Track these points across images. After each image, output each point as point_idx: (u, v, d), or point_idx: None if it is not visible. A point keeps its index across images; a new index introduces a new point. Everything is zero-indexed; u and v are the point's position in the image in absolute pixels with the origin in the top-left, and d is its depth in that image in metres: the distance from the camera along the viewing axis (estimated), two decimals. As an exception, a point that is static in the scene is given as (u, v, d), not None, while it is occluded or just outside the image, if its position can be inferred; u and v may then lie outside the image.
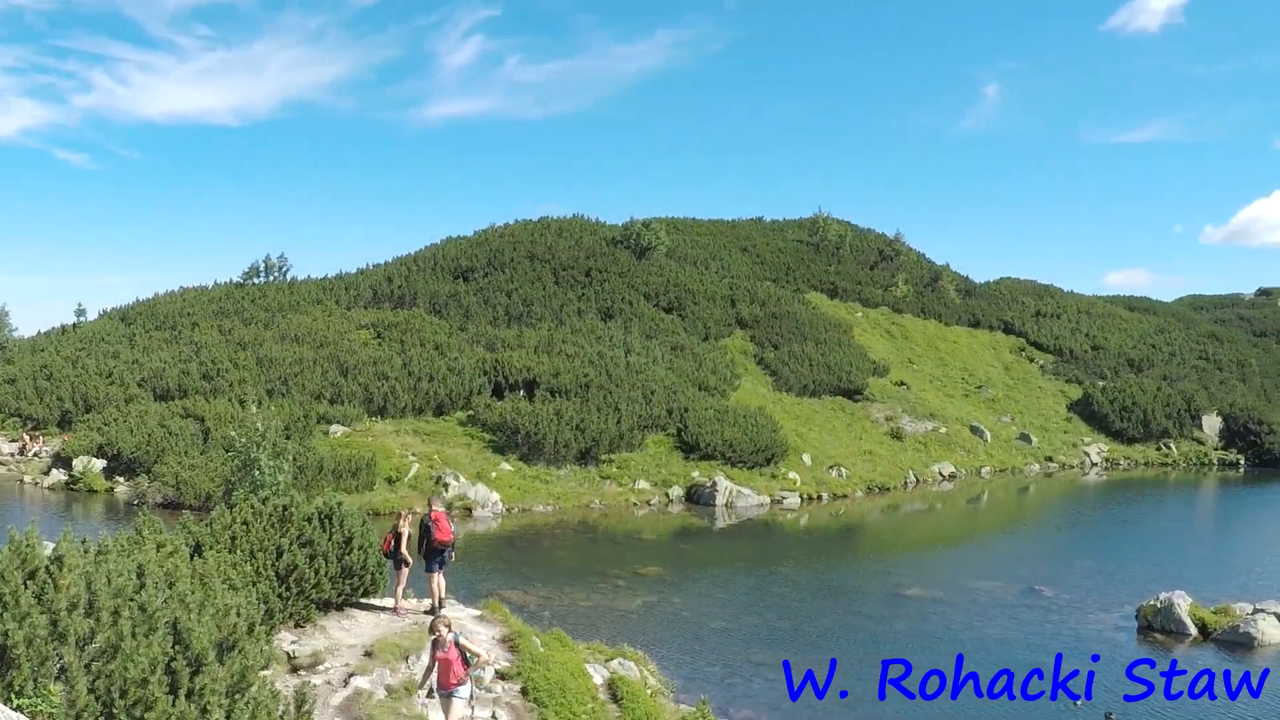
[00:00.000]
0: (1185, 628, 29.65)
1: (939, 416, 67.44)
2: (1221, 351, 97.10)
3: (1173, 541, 47.40)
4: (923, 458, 61.38)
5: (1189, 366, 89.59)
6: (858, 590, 34.20)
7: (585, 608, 29.56)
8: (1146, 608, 30.74)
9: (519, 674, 18.76)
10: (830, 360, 68.39)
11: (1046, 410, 76.77)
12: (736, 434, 53.01)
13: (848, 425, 62.46)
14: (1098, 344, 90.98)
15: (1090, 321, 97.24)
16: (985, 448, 66.48)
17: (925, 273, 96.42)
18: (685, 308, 71.08)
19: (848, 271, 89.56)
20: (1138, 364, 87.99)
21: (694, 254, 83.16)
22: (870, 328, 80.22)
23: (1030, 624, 30.22)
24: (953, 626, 29.49)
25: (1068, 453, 71.01)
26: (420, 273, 71.81)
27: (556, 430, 48.96)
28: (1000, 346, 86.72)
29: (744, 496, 49.17)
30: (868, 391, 67.28)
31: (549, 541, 39.65)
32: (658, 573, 34.62)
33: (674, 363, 61.18)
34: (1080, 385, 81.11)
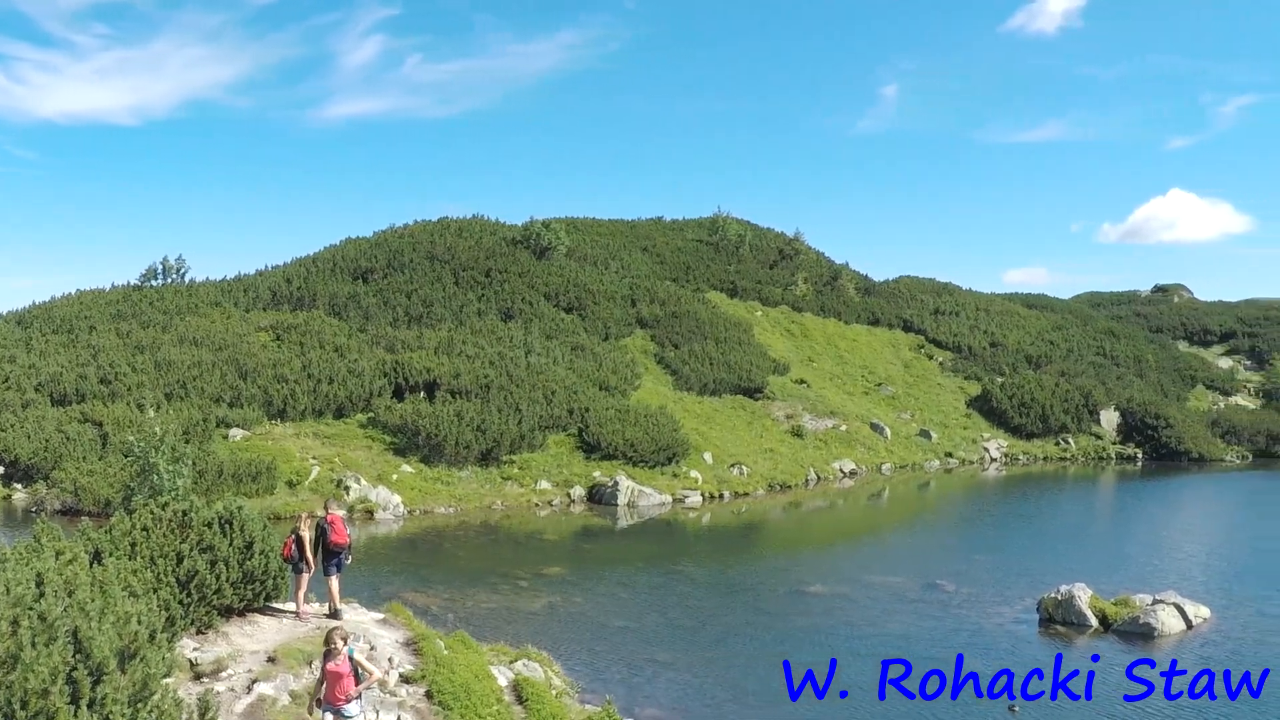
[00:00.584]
0: (1086, 619, 30.19)
1: (839, 414, 68.06)
2: (1119, 348, 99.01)
3: (1072, 535, 48.12)
4: (824, 455, 61.89)
5: (1087, 363, 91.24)
6: (760, 587, 34.39)
7: (489, 609, 29.50)
8: (1047, 600, 31.24)
9: (423, 677, 18.66)
10: (731, 359, 68.76)
11: (946, 407, 77.74)
12: (638, 433, 53.15)
13: (749, 424, 62.83)
14: (996, 341, 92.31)
15: (989, 319, 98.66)
16: (886, 444, 67.19)
17: (825, 272, 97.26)
18: (586, 308, 71.14)
19: (748, 271, 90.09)
20: (1036, 360, 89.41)
21: (594, 254, 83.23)
22: (770, 326, 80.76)
23: (932, 618, 30.57)
24: (855, 622, 29.76)
25: (967, 449, 71.99)
26: (320, 274, 71.20)
27: (458, 431, 48.81)
28: (900, 344, 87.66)
29: (646, 496, 49.32)
30: (768, 390, 67.73)
31: (451, 543, 39.51)
32: (560, 573, 34.65)
33: (575, 363, 61.21)
34: (979, 382, 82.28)
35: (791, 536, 46.80)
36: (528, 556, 37.57)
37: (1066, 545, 44.49)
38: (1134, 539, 47.50)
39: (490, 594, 31.35)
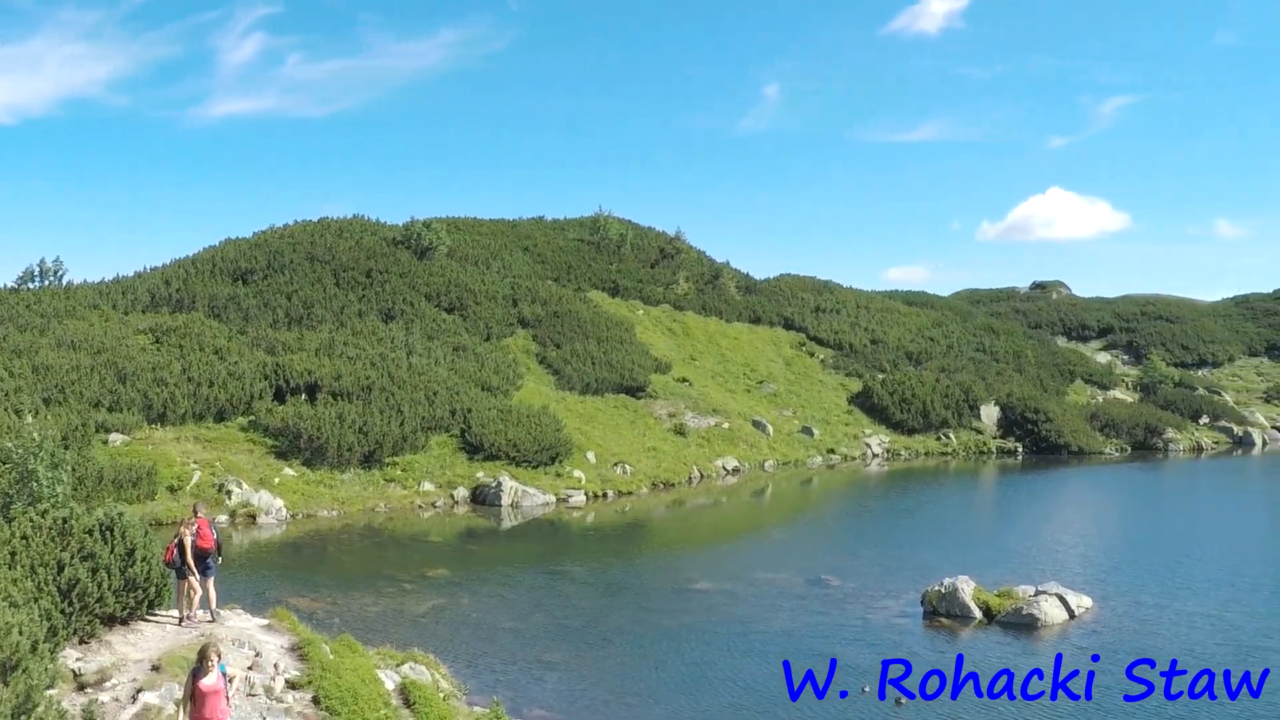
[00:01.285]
0: (970, 611, 30.71)
1: (722, 412, 68.59)
2: (998, 344, 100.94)
3: (955, 528, 49.10)
4: (706, 453, 62.33)
5: (967, 359, 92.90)
6: (646, 586, 34.62)
7: (374, 612, 29.37)
8: (931, 593, 31.70)
9: (310, 683, 18.61)
10: (613, 358, 68.98)
11: (828, 403, 78.63)
12: (520, 434, 53.15)
13: (631, 422, 63.10)
14: (877, 338, 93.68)
15: (870, 316, 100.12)
16: (768, 442, 67.84)
17: (706, 270, 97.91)
18: (467, 308, 70.93)
19: (629, 270, 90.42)
20: (917, 357, 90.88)
21: (475, 254, 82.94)
22: (652, 325, 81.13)
23: (818, 613, 30.93)
24: (742, 619, 30.04)
25: (849, 444, 72.88)
26: (199, 275, 70.14)
27: (339, 434, 48.46)
28: (781, 342, 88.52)
29: (529, 496, 49.33)
30: (650, 389, 68.06)
31: (335, 547, 39.25)
32: (445, 575, 34.58)
33: (456, 363, 61.02)
34: (861, 379, 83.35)
35: (676, 534, 47.11)
36: (412, 559, 37.42)
37: (949, 539, 45.38)
38: (1015, 531, 48.47)
39: (376, 597, 31.20)
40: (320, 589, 31.83)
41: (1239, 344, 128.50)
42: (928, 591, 31.96)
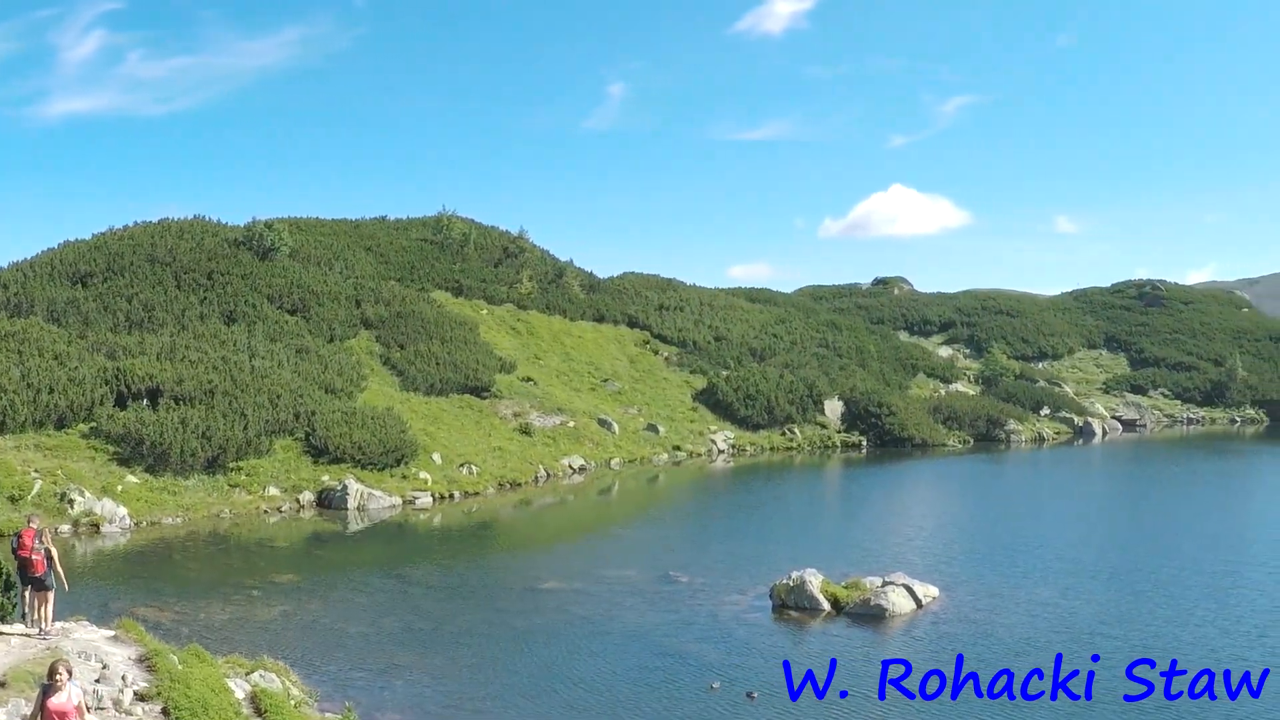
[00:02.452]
0: (818, 604, 31.44)
1: (567, 410, 69.00)
2: (841, 339, 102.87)
3: (801, 522, 50.17)
4: (552, 452, 62.67)
5: (810, 354, 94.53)
6: (495, 586, 34.86)
7: (222, 620, 29.23)
8: (780, 587, 32.37)
9: (159, 694, 18.47)
10: (457, 359, 68.98)
11: (673, 401, 79.45)
12: (365, 436, 53.01)
13: (476, 423, 63.21)
14: (721, 335, 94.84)
15: (713, 314, 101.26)
16: (614, 440, 68.43)
17: (550, 269, 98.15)
18: (310, 309, 70.38)
19: (472, 269, 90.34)
20: (760, 353, 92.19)
21: (318, 254, 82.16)
22: (496, 325, 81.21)
23: (668, 609, 31.48)
24: (591, 617, 30.51)
25: (695, 441, 73.73)
26: (37, 279, 68.43)
27: (183, 439, 47.87)
28: (625, 340, 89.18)
29: (376, 499, 49.26)
30: (495, 388, 68.19)
31: (181, 554, 38.81)
32: (294, 580, 34.49)
33: (299, 365, 60.54)
34: (705, 375, 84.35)
35: (524, 534, 47.41)
36: (260, 565, 37.21)
37: (796, 532, 46.32)
38: (862, 524, 49.81)
39: (223, 605, 31.01)
40: (167, 598, 31.54)
41: (1078, 337, 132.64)
42: (776, 585, 32.60)
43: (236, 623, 29.09)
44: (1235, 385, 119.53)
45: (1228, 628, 29.72)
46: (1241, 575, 37.13)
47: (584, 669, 25.54)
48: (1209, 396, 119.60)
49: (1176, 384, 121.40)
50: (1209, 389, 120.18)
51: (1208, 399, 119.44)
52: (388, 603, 32.15)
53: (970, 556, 40.30)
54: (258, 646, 25.24)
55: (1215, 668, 25.57)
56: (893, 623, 30.28)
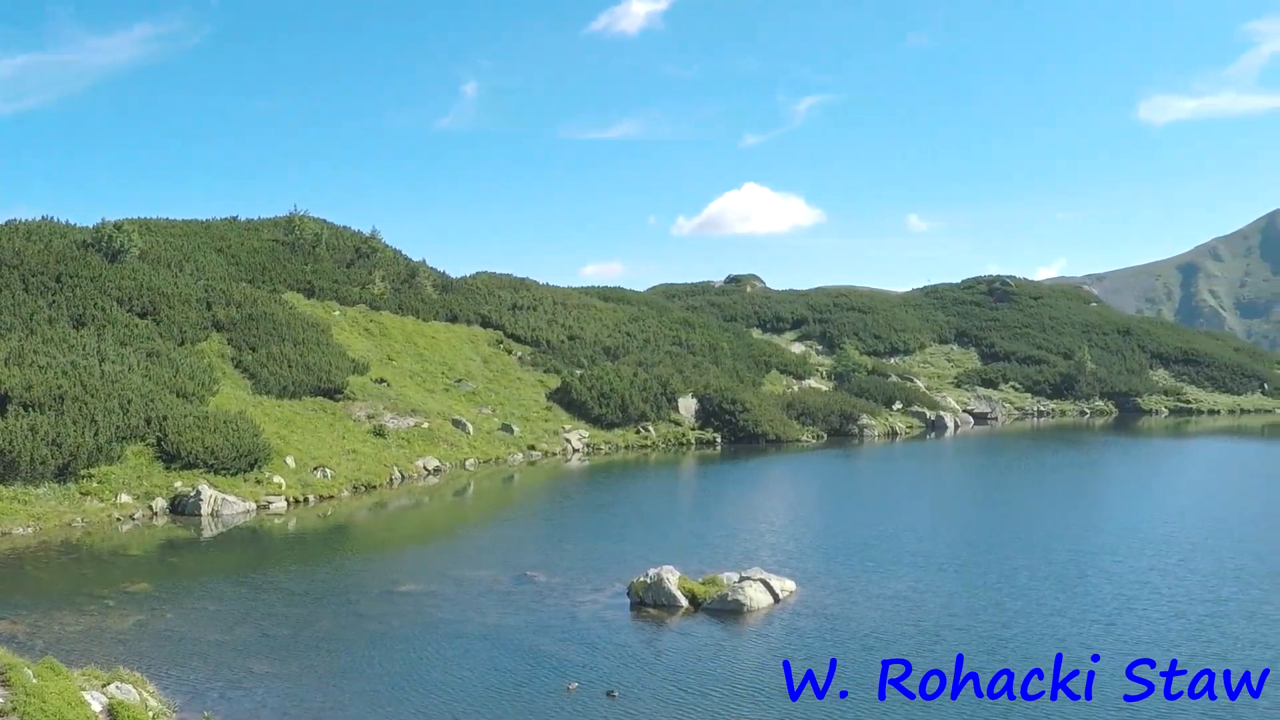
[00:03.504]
0: (676, 600, 31.98)
1: (421, 412, 69.06)
2: (694, 337, 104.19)
3: (658, 519, 50.83)
4: (407, 453, 62.72)
5: (664, 352, 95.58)
6: (352, 590, 34.94)
7: (77, 632, 28.98)
8: (637, 584, 32.87)
9: (14, 710, 18.44)
10: (309, 360, 68.65)
11: (527, 400, 79.87)
12: (218, 440, 52.60)
13: (330, 425, 63.01)
14: (574, 334, 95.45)
15: (567, 313, 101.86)
16: (469, 440, 68.63)
17: (403, 270, 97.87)
18: (160, 312, 69.44)
19: (324, 270, 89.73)
20: (614, 352, 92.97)
21: (168, 256, 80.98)
22: (349, 326, 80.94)
23: (525, 610, 31.87)
24: (450, 619, 30.79)
25: (550, 441, 74.18)
26: (-127, 283, 66.94)
27: (32, 447, 47.05)
28: (479, 340, 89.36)
29: (229, 504, 48.96)
30: (349, 390, 68.00)
31: (33, 565, 38.20)
32: (148, 589, 34.23)
33: (150, 369, 59.81)
34: (559, 374, 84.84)
35: (380, 537, 47.52)
36: (113, 574, 36.84)
37: (653, 529, 47.09)
38: (718, 520, 50.56)
39: (78, 615, 30.74)
40: (19, 610, 31.14)
41: (930, 332, 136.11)
42: (633, 583, 33.11)
43: (91, 634, 28.89)
44: (1084, 378, 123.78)
45: (1077, 617, 30.89)
46: (1090, 564, 38.63)
47: (441, 673, 25.84)
48: (1059, 389, 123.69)
49: (1027, 377, 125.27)
50: (1059, 382, 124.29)
51: (1057, 392, 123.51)
52: (244, 609, 32.11)
53: (825, 550, 41.32)
54: (114, 658, 25.21)
55: (1063, 656, 26.61)
56: (750, 617, 30.96)
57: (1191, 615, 31.14)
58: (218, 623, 30.43)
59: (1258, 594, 34.01)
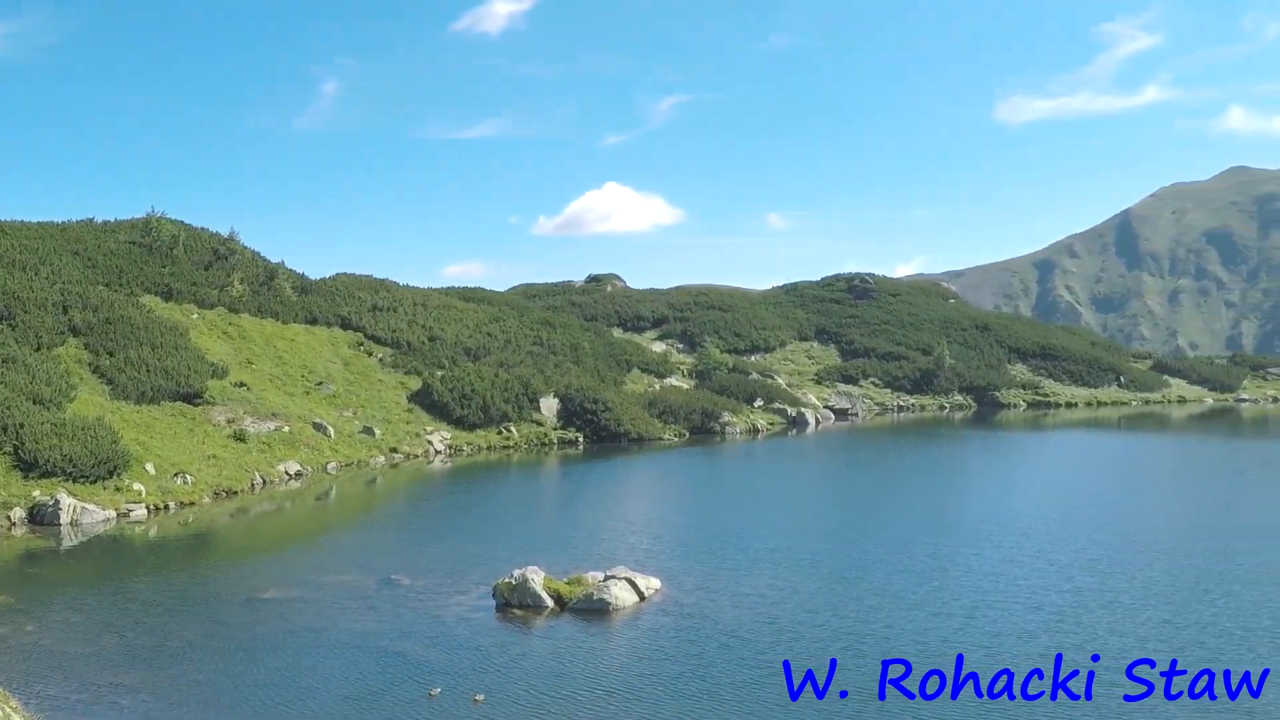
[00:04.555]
0: (542, 601, 32.57)
1: (281, 415, 69.00)
2: (555, 337, 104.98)
3: (522, 520, 51.54)
4: (268, 458, 62.69)
5: (525, 352, 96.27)
6: (215, 598, 35.09)
7: (-62, 648, 28.99)
8: (503, 585, 33.40)
9: None
10: (168, 365, 68.19)
11: (388, 402, 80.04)
12: (76, 448, 52.18)
13: (190, 430, 62.71)
14: (435, 335, 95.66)
15: (427, 314, 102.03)
16: (330, 444, 68.72)
17: (261, 271, 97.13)
18: (15, 316, 68.46)
19: (182, 273, 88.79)
20: (475, 352, 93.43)
21: (23, 259, 79.68)
22: (207, 329, 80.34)
23: (391, 613, 32.39)
24: (315, 626, 31.14)
25: (411, 443, 74.51)
26: None
27: (-117, 458, 46.67)
28: (339, 342, 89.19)
29: (89, 513, 48.59)
30: (208, 394, 67.68)
31: (-113, 579, 38.07)
32: (7, 602, 34.00)
33: (5, 375, 59.05)
34: (420, 376, 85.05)
35: (242, 543, 47.55)
36: (-29, 587, 36.78)
37: (517, 530, 47.73)
38: (582, 519, 51.50)
39: (-64, 632, 30.73)
40: (-123, 627, 31.07)
41: (790, 330, 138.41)
42: (499, 584, 33.66)
43: (-47, 649, 28.83)
44: (943, 373, 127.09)
45: (938, 609, 32.08)
46: (950, 558, 39.99)
47: (304, 682, 26.15)
48: (918, 384, 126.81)
49: (887, 373, 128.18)
50: (918, 377, 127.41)
51: (917, 387, 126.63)
52: (106, 620, 32.20)
53: (688, 548, 42.39)
54: (-25, 673, 25.27)
55: (926, 651, 27.65)
56: (616, 616, 31.75)
57: (1050, 607, 32.52)
58: (80, 634, 30.49)
59: (1116, 584, 35.68)
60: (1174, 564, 39.09)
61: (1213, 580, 36.10)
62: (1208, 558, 39.93)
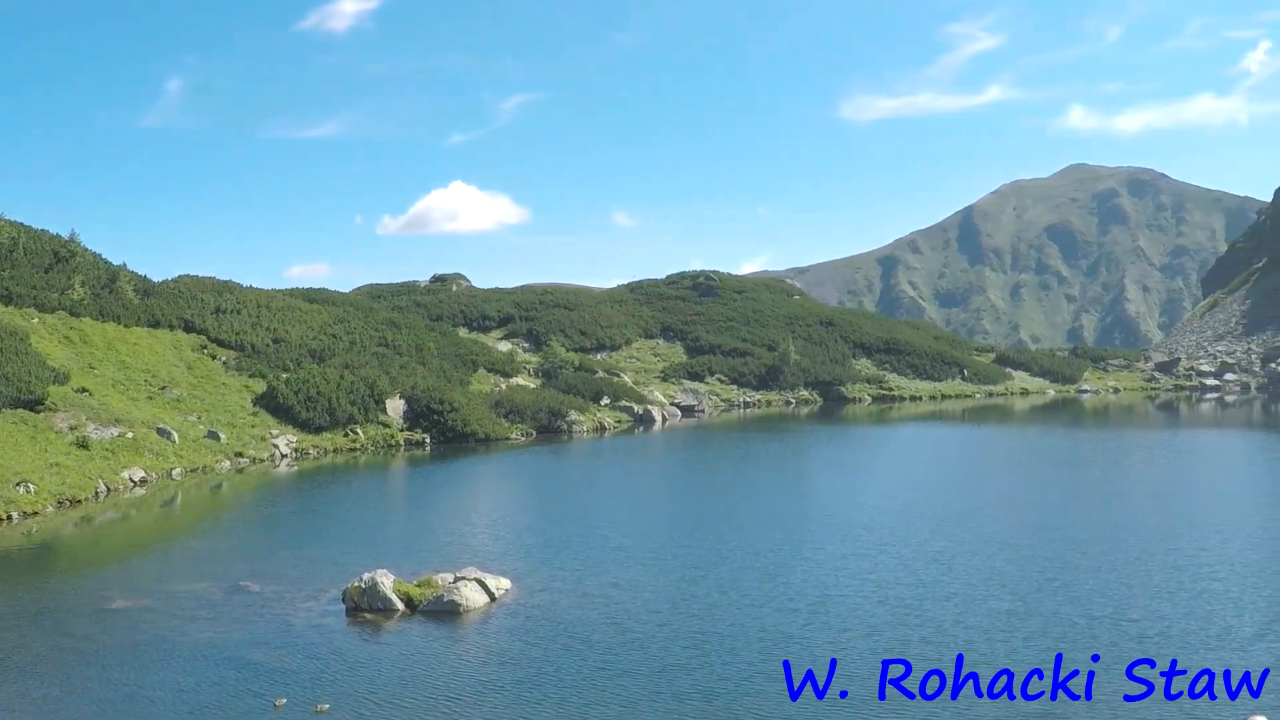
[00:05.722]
0: (392, 604, 32.80)
1: (125, 421, 68.20)
2: (401, 337, 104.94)
3: (371, 523, 51.54)
4: (112, 465, 61.94)
5: (370, 354, 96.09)
6: (61, 610, 34.69)
7: None
8: (352, 589, 33.56)
9: None
10: (7, 371, 66.95)
11: (233, 406, 79.46)
12: (-86, 458, 51.45)
13: (31, 438, 61.74)
14: (279, 337, 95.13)
15: (271, 315, 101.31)
16: (175, 449, 68.10)
17: (103, 274, 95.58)
18: None
19: (21, 276, 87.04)
20: (320, 354, 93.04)
21: None
22: (48, 334, 79.00)
23: (240, 621, 32.35)
24: (164, 635, 30.94)
25: (257, 447, 74.11)
26: None
27: None
28: (182, 345, 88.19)
29: (-72, 523, 47.97)
30: (50, 401, 66.64)
31: None
32: None
33: None
34: (265, 379, 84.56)
35: (88, 553, 46.96)
36: None
37: (366, 533, 47.81)
38: (431, 521, 51.60)
39: None
40: None
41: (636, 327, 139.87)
42: (348, 588, 33.84)
43: None
44: (789, 369, 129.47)
45: (783, 605, 32.81)
46: (795, 553, 40.80)
47: (152, 694, 25.92)
48: (764, 380, 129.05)
49: (733, 370, 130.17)
50: (764, 373, 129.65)
51: (763, 383, 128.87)
52: (-50, 636, 31.72)
53: (537, 547, 42.93)
54: None
55: (778, 648, 28.18)
56: (468, 617, 32.09)
57: (895, 601, 33.43)
58: (-76, 651, 29.97)
59: (959, 576, 36.90)
60: (1018, 554, 40.48)
61: (1057, 569, 37.52)
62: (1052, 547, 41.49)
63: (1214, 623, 30.36)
